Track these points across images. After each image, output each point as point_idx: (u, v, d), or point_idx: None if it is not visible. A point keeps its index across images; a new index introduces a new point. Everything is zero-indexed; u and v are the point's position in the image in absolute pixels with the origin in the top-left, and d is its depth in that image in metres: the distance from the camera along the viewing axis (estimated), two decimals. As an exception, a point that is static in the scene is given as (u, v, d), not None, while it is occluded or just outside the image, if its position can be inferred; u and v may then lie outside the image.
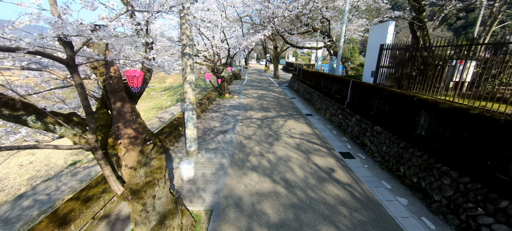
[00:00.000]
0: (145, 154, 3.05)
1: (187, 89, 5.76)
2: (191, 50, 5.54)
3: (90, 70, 3.46)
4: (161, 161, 3.23)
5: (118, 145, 2.90)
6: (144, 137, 3.06)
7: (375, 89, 7.39)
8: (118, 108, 3.05)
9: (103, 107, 3.16)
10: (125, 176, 2.98)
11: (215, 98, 14.68)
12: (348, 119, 8.77)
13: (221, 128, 9.14)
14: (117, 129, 2.92)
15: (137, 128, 3.04)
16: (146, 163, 3.06)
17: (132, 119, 3.10)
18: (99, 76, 3.20)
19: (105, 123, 3.00)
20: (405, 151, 5.55)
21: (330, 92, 11.49)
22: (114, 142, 2.92)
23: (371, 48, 11.31)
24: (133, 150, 2.94)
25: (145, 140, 3.06)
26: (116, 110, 3.04)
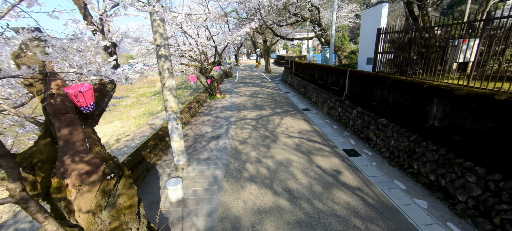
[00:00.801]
0: (107, 191, 2.33)
1: (168, 96, 5.00)
2: (168, 51, 4.76)
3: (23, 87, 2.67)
4: (131, 197, 2.52)
5: (65, 187, 2.17)
6: (102, 169, 2.32)
7: (376, 78, 6.80)
8: (65, 136, 2.31)
9: (47, 136, 2.41)
10: (82, 222, 2.25)
11: (205, 100, 13.88)
12: (349, 112, 8.20)
13: (213, 133, 8.41)
14: (62, 164, 2.18)
15: (91, 160, 2.30)
16: (109, 204, 2.34)
17: (85, 148, 2.36)
18: (36, 95, 2.44)
19: (48, 158, 2.25)
20: (417, 145, 4.99)
21: (326, 84, 10.88)
22: (59, 182, 2.19)
23: (365, 33, 10.74)
24: (88, 190, 2.21)
25: (104, 174, 2.33)
26: (63, 138, 2.30)
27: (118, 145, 16.78)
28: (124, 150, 15.59)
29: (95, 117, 2.94)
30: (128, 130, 21.34)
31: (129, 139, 17.88)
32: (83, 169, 2.22)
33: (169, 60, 4.83)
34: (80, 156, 2.27)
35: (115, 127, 22.44)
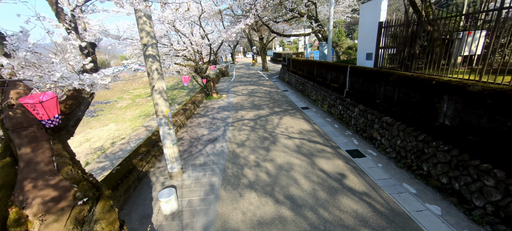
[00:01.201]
0: (80, 219, 1.96)
1: (158, 99, 4.61)
2: (156, 50, 4.37)
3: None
4: (111, 222, 2.15)
5: (25, 219, 1.79)
6: (73, 193, 1.95)
7: (379, 74, 6.48)
8: (27, 155, 1.93)
9: (6, 155, 2.02)
10: (52, 258, 1.87)
11: (202, 100, 13.47)
12: (350, 110, 7.88)
13: (210, 135, 8.04)
14: (22, 190, 1.81)
15: (59, 183, 1.92)
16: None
17: (52, 168, 1.98)
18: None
19: (4, 182, 1.87)
20: (426, 145, 4.69)
21: (325, 81, 10.55)
22: (18, 213, 1.81)
23: (364, 28, 10.42)
24: (56, 220, 1.84)
25: (76, 199, 1.96)
26: (24, 158, 1.92)
27: (113, 149, 16.32)
28: (119, 154, 15.16)
29: (70, 129, 2.56)
30: (123, 132, 20.86)
31: (124, 142, 17.43)
32: (48, 195, 1.85)
33: (158, 61, 4.43)
34: (45, 179, 1.89)
35: (110, 130, 21.93)
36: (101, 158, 14.84)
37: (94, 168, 13.44)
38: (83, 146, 18.29)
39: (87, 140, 19.63)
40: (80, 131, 23.84)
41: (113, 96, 38.64)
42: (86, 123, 26.11)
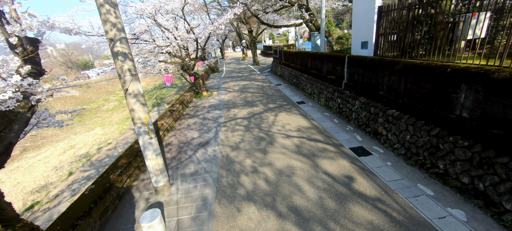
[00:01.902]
0: None
1: (133, 104, 3.89)
2: (126, 46, 3.62)
3: None
4: None
5: None
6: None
7: (382, 64, 5.96)
8: None
9: None
10: None
11: (191, 100, 12.66)
12: (350, 103, 7.38)
13: (200, 139, 7.35)
14: None
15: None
16: None
17: None
18: None
19: None
20: (441, 141, 4.23)
21: (321, 73, 10.01)
22: None
23: (358, 15, 9.90)
24: None
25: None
26: None
27: (99, 155, 15.33)
28: (106, 161, 14.22)
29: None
30: (110, 137, 19.74)
31: (111, 148, 16.42)
32: None
33: (130, 59, 3.69)
34: None
35: (96, 135, 20.74)
36: (86, 166, 13.88)
37: (78, 178, 12.51)
38: (67, 154, 17.15)
39: (72, 147, 18.46)
40: (64, 137, 22.49)
41: (98, 98, 36.90)
42: (70, 129, 24.69)
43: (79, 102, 33.28)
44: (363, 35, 9.95)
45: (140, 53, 11.35)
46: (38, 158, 17.12)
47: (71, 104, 30.26)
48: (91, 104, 33.51)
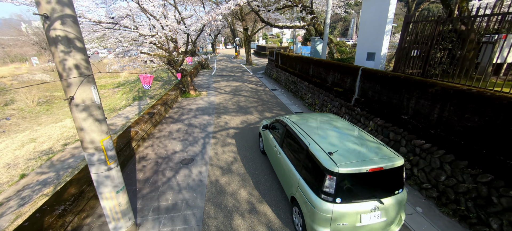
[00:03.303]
0: None
1: (83, 121, 2.54)
2: (74, 29, 2.28)
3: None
4: None
5: None
6: None
7: (409, 83, 5.03)
8: None
9: None
10: None
11: (176, 99, 11.16)
12: (361, 123, 6.44)
13: (184, 153, 6.02)
14: None
15: None
16: None
17: None
18: None
19: None
20: (495, 192, 3.32)
21: (324, 83, 9.03)
22: None
23: (366, 24, 9.14)
24: None
25: None
26: None
27: (62, 154, 13.30)
28: (70, 162, 12.31)
29: None
30: (81, 131, 17.49)
31: (79, 145, 14.41)
32: None
33: (79, 50, 2.35)
34: None
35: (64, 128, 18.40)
36: (44, 167, 11.86)
37: (32, 182, 10.55)
38: (26, 148, 14.84)
39: (32, 140, 16.08)
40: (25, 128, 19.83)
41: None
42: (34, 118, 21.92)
43: (49, 88, 29.94)
44: (370, 46, 9.16)
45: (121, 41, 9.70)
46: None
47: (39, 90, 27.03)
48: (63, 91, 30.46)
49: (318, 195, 2.86)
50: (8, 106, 23.28)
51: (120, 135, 5.71)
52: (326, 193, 2.77)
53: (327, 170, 2.75)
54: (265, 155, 5.75)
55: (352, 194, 2.79)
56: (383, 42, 8.62)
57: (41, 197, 8.01)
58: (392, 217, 2.92)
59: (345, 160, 2.82)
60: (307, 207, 2.99)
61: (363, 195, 2.81)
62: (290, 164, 3.69)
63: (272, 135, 4.82)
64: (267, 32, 65.86)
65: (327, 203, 2.77)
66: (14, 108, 23.20)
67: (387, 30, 8.61)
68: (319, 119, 4.33)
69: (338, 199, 2.75)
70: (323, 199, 2.80)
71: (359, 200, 2.79)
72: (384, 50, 8.75)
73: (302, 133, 3.63)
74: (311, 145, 3.23)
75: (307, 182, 3.13)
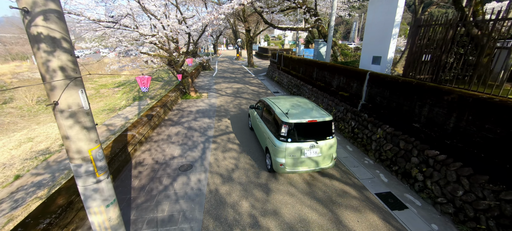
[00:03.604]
0: None
1: (69, 129, 2.28)
2: (59, 26, 2.02)
3: None
4: None
5: None
6: None
7: (422, 89, 4.75)
8: None
9: None
10: None
11: (176, 101, 10.91)
12: (369, 130, 6.15)
13: (182, 159, 5.74)
14: None
15: None
16: None
17: None
18: None
19: None
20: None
21: (329, 87, 8.76)
22: None
23: (372, 27, 8.90)
24: None
25: None
26: None
27: (59, 155, 13.07)
28: (66, 163, 12.05)
29: None
30: (79, 130, 17.27)
31: (76, 146, 14.09)
32: None
33: (65, 50, 2.08)
34: None
35: (63, 127, 18.13)
36: (40, 168, 11.61)
37: (26, 184, 10.29)
38: (23, 148, 14.60)
39: (30, 139, 15.85)
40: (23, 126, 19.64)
41: None
42: (33, 117, 21.74)
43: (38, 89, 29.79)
44: (376, 49, 8.91)
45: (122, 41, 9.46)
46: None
47: (39, 88, 26.84)
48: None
49: (278, 139, 4.56)
50: (7, 104, 23.08)
51: (115, 139, 5.44)
52: (282, 136, 4.48)
53: (283, 122, 4.46)
54: (252, 131, 7.42)
55: (298, 136, 4.47)
56: (390, 46, 8.36)
57: (34, 200, 7.74)
58: (325, 154, 4.62)
59: (295, 116, 4.56)
60: (272, 148, 4.71)
61: (304, 138, 4.49)
62: (265, 126, 5.36)
63: (256, 112, 6.51)
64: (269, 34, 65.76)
65: (283, 143, 4.46)
66: (12, 106, 23.00)
67: (394, 33, 8.36)
68: (288, 99, 5.85)
69: (289, 140, 4.44)
70: (280, 140, 4.49)
71: (302, 141, 4.46)
72: (390, 54, 8.49)
73: (273, 105, 5.29)
74: (276, 110, 4.91)
75: (273, 133, 4.85)
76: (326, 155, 4.64)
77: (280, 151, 4.47)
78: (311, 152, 4.48)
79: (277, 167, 4.59)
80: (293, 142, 4.43)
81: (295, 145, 4.42)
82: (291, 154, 4.43)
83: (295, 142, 4.43)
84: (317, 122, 4.48)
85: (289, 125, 4.40)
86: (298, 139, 4.44)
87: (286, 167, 4.50)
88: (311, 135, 4.50)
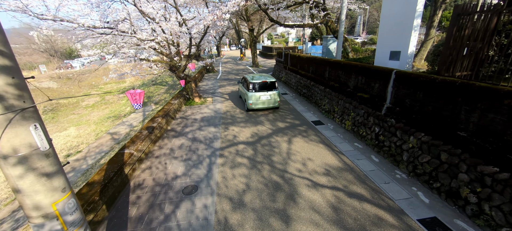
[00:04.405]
0: None
1: (19, 180, 1.62)
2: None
3: None
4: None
5: None
6: None
7: (472, 91, 3.92)
8: None
9: None
10: None
11: (179, 108, 10.30)
12: (398, 137, 5.33)
13: (186, 178, 5.09)
14: None
15: None
16: None
17: None
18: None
19: None
20: None
21: (345, 88, 7.95)
22: None
23: (389, 19, 8.10)
24: None
25: None
26: None
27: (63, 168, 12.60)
28: (70, 176, 11.64)
29: None
30: (85, 140, 17.04)
31: (80, 158, 13.80)
32: None
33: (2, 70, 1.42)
34: None
35: (68, 137, 17.98)
36: None
37: (29, 201, 9.79)
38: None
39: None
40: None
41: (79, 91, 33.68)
42: (39, 127, 21.63)
43: (55, 95, 29.90)
44: (394, 43, 8.08)
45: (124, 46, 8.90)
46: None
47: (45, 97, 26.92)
48: (69, 98, 30.30)
49: (248, 90, 8.91)
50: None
51: (111, 159, 4.83)
52: (250, 89, 8.86)
53: (251, 82, 8.84)
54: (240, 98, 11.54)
55: (258, 89, 8.88)
56: (411, 39, 7.52)
57: (33, 221, 7.24)
58: (273, 98, 9.00)
59: (255, 79, 9.06)
60: (246, 96, 9.19)
61: (261, 90, 8.86)
62: (244, 88, 9.50)
63: (240, 84, 10.74)
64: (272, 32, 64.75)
65: (250, 91, 8.85)
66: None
67: (415, 24, 7.49)
68: (258, 75, 9.86)
69: (253, 90, 8.80)
70: (249, 91, 8.83)
71: (260, 91, 8.85)
72: (411, 48, 7.65)
73: (248, 76, 9.59)
74: (249, 80, 8.98)
75: (247, 89, 9.11)
76: (273, 99, 9.06)
77: (249, 97, 8.88)
78: (264, 97, 8.93)
79: (248, 106, 9.08)
80: (255, 92, 8.86)
81: (257, 93, 8.85)
82: (255, 97, 8.86)
83: (256, 92, 8.86)
84: (267, 82, 8.96)
85: (253, 84, 8.84)
86: (258, 90, 8.89)
87: (253, 106, 8.95)
88: (264, 88, 8.94)
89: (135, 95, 3.49)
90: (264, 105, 8.95)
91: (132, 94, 3.48)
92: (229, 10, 6.05)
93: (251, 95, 8.78)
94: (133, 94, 3.48)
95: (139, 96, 3.54)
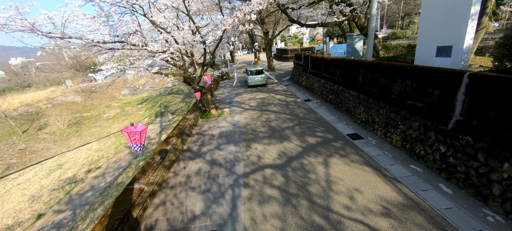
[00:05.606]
0: None
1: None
2: None
3: None
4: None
5: None
6: None
7: None
8: None
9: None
10: None
11: (195, 123, 9.55)
12: (480, 162, 3.98)
13: (206, 219, 4.16)
14: None
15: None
16: None
17: None
18: None
19: None
20: None
21: (388, 94, 6.64)
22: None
23: (434, 7, 6.78)
24: None
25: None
26: None
27: (82, 186, 12.54)
28: (88, 195, 11.39)
29: None
30: (105, 154, 17.08)
31: (99, 175, 13.60)
32: None
33: None
34: None
35: (90, 151, 18.19)
36: (62, 204, 11.05)
37: (47, 224, 9.68)
38: (52, 176, 14.51)
39: (59, 166, 15.86)
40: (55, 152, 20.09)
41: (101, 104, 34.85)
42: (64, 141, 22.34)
43: (79, 108, 31.15)
44: (442, 37, 6.74)
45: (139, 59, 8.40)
46: (18, 181, 14.58)
47: (70, 111, 28.06)
48: (92, 111, 31.39)
49: (248, 75, 16.87)
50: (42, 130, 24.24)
51: (117, 199, 4.04)
52: (248, 73, 16.85)
53: (250, 71, 16.80)
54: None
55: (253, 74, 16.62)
56: (467, 30, 6.12)
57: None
58: (261, 79, 16.49)
59: (251, 68, 17.29)
60: (246, 78, 17.20)
61: (255, 74, 16.57)
62: (247, 75, 17.18)
63: (246, 73, 17.75)
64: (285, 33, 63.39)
65: (248, 75, 16.75)
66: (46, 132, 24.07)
67: (473, 12, 6.09)
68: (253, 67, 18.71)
69: (251, 74, 16.60)
70: (248, 75, 16.69)
71: (254, 75, 16.52)
72: (468, 42, 6.24)
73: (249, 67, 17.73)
74: (249, 70, 17.01)
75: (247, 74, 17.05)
76: (261, 80, 16.24)
77: (248, 78, 16.30)
78: (257, 78, 16.16)
79: (248, 83, 16.53)
80: (252, 75, 16.24)
81: (252, 76, 16.19)
82: (251, 78, 16.20)
83: (252, 75, 16.24)
84: (258, 69, 16.54)
85: (251, 71, 16.40)
86: (253, 74, 16.27)
87: (251, 83, 16.30)
88: (256, 73, 16.27)
89: (134, 134, 2.60)
90: (258, 83, 16.24)
91: (130, 133, 2.59)
92: (254, 9, 5.08)
93: (249, 77, 16.23)
94: (131, 133, 2.58)
95: (139, 135, 2.67)
